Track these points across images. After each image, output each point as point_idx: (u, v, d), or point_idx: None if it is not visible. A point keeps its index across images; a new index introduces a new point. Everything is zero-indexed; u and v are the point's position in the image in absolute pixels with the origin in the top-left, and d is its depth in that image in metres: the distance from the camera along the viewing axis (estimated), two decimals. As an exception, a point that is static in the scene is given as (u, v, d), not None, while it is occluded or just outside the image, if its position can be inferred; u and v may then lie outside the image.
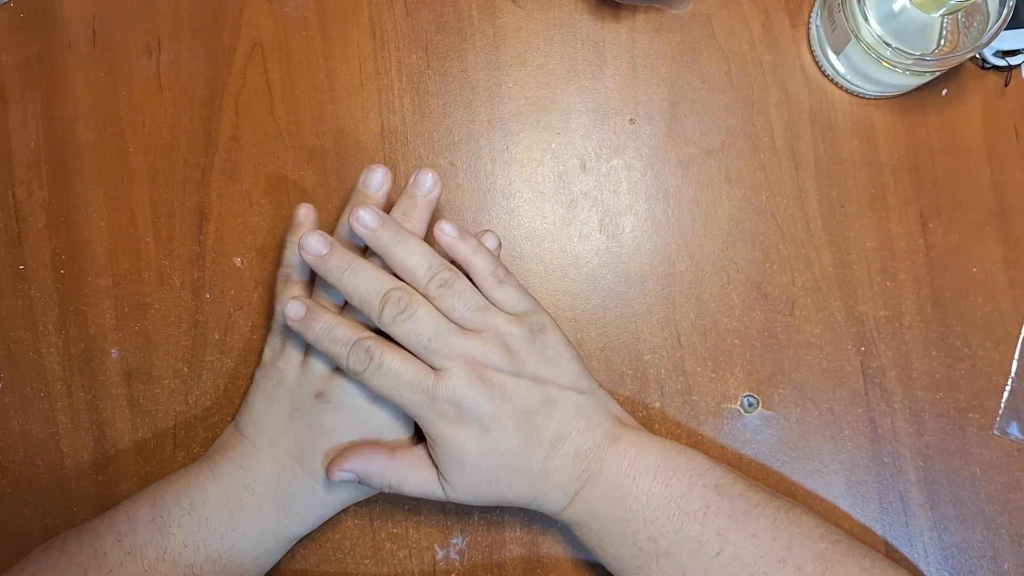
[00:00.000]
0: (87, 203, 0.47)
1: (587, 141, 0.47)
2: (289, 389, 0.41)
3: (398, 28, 0.47)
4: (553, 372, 0.40)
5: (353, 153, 0.47)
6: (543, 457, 0.39)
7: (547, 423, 0.39)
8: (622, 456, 0.39)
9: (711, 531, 0.38)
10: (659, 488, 0.38)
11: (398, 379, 0.38)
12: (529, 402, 0.39)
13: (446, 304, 0.39)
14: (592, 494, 0.39)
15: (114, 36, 0.48)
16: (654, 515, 0.38)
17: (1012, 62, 0.45)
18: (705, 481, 0.39)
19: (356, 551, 0.44)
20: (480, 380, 0.38)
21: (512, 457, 0.39)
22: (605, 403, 0.41)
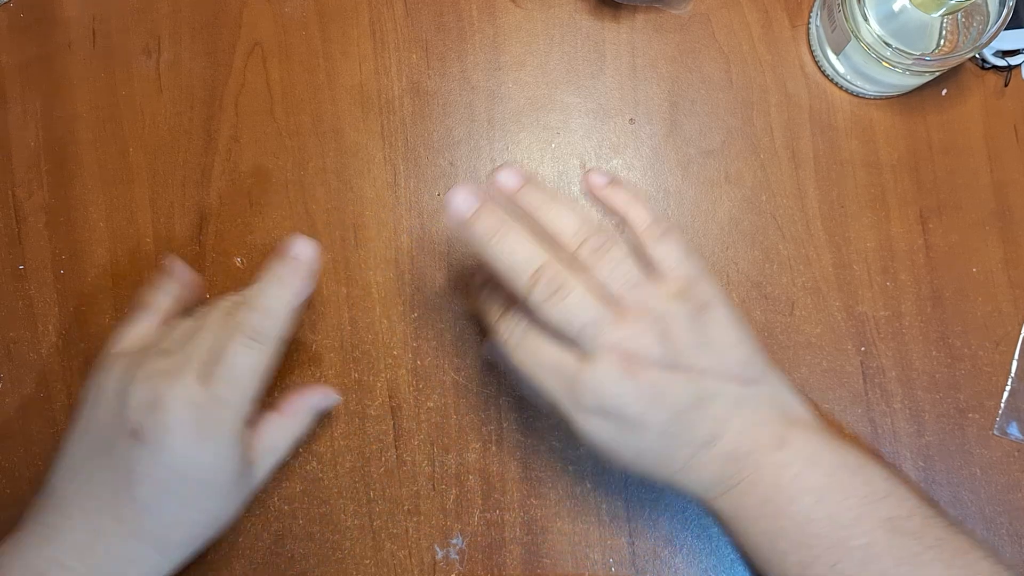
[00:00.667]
0: (87, 203, 0.47)
1: (587, 141, 0.47)
2: (100, 428, 0.36)
3: (398, 28, 0.47)
4: (713, 360, 0.35)
5: (353, 153, 0.47)
6: (688, 456, 0.35)
7: (699, 422, 0.34)
8: (784, 468, 0.34)
9: (872, 572, 0.33)
10: (821, 514, 0.33)
11: (544, 356, 0.35)
12: (681, 400, 0.34)
13: (601, 274, 0.34)
14: (742, 500, 0.35)
15: (114, 36, 0.48)
16: (809, 542, 0.33)
17: (1012, 62, 0.46)
18: (877, 512, 0.33)
19: (356, 551, 0.44)
20: (630, 376, 0.33)
21: (652, 455, 0.35)
22: (776, 394, 0.36)
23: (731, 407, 0.35)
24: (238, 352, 0.36)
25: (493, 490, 0.44)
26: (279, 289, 0.38)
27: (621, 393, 0.33)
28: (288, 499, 0.44)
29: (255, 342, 0.37)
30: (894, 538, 0.33)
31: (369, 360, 0.45)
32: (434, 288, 0.46)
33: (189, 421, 0.35)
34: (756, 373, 0.36)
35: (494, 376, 0.45)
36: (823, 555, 0.33)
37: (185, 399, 0.35)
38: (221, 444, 0.36)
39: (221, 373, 0.36)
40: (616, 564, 0.44)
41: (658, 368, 0.34)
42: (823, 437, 0.35)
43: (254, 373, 0.37)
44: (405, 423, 0.45)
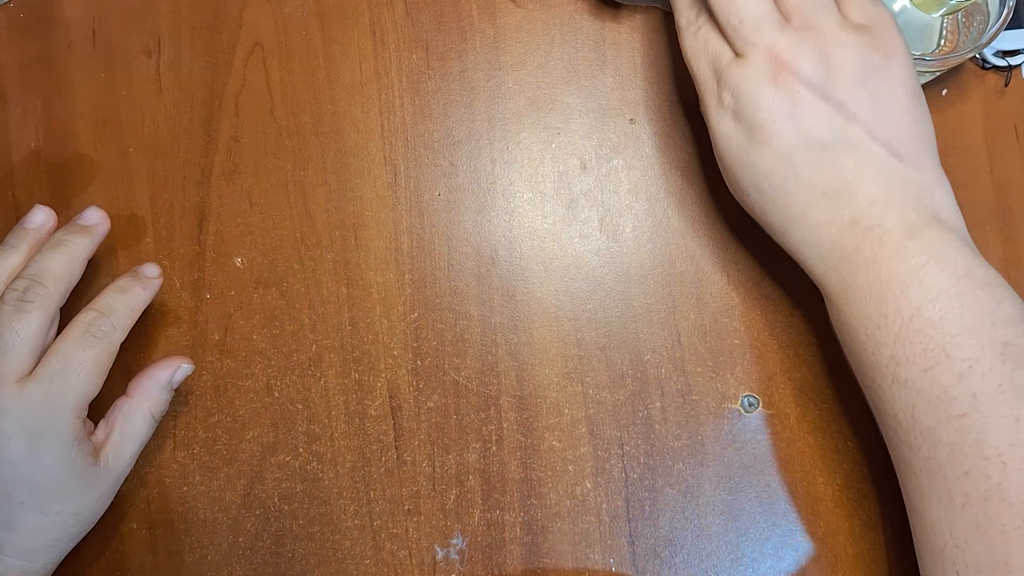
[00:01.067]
0: (87, 203, 0.47)
1: (587, 141, 0.47)
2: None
3: (398, 28, 0.47)
4: (872, 113, 0.32)
5: (353, 153, 0.47)
6: (804, 203, 0.33)
7: (829, 166, 0.32)
8: (909, 256, 0.31)
9: (966, 389, 0.30)
10: (932, 313, 0.30)
11: (705, 44, 0.34)
12: (818, 130, 0.32)
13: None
14: (852, 276, 0.32)
15: (114, 36, 0.48)
16: (909, 337, 0.31)
17: (1012, 62, 0.46)
18: (995, 333, 0.30)
19: (356, 551, 0.44)
20: (773, 81, 0.32)
21: (770, 184, 0.33)
22: (929, 186, 0.33)
23: (875, 171, 0.32)
24: (71, 347, 0.36)
25: (493, 490, 0.44)
26: (119, 294, 0.39)
27: (758, 94, 0.32)
28: (288, 499, 0.44)
29: (94, 338, 0.37)
30: (1004, 364, 0.30)
31: (369, 360, 0.45)
32: (434, 288, 0.46)
33: (18, 431, 0.35)
34: (916, 154, 0.33)
35: (494, 376, 0.45)
36: (919, 356, 0.31)
37: (9, 411, 0.35)
38: (57, 444, 0.36)
39: (49, 370, 0.36)
40: (616, 564, 0.44)
41: (806, 87, 0.32)
42: (962, 244, 0.32)
43: (89, 371, 0.36)
44: (405, 423, 0.45)
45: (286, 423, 0.45)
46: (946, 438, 0.31)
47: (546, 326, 0.45)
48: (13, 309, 0.36)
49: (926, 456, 0.31)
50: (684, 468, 0.44)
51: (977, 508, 0.30)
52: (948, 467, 0.31)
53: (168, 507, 0.44)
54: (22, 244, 0.39)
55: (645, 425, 0.44)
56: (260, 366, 0.45)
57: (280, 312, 0.46)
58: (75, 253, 0.38)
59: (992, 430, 0.30)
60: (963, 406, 0.30)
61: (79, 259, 0.39)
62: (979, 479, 0.30)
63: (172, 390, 0.42)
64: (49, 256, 0.38)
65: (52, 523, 0.37)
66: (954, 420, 0.30)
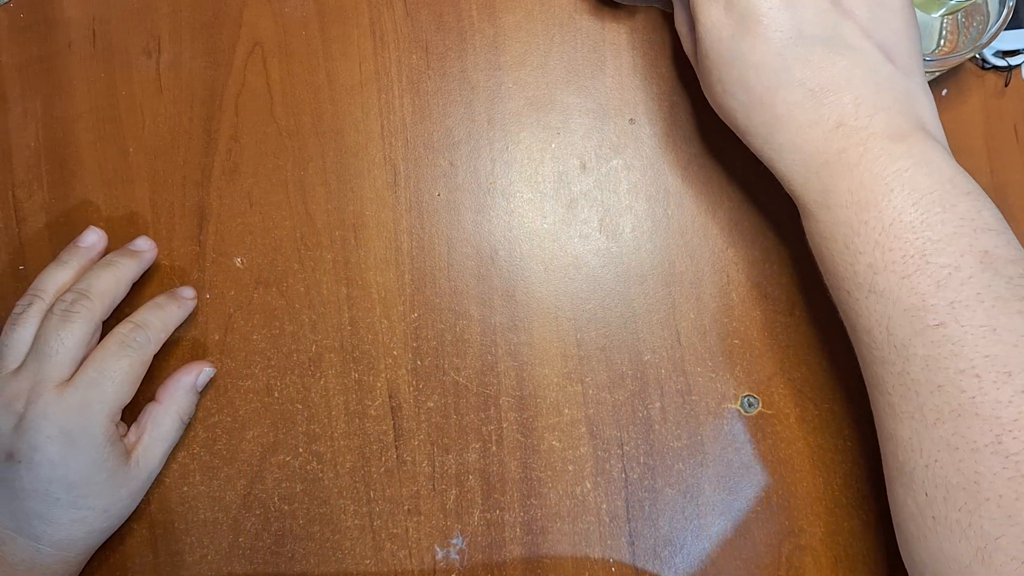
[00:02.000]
0: (87, 203, 0.47)
1: (587, 141, 0.47)
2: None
3: (398, 28, 0.47)
4: (868, 12, 0.31)
5: (353, 153, 0.47)
6: (792, 102, 0.31)
7: (821, 65, 0.31)
8: (894, 159, 0.30)
9: (943, 298, 0.29)
10: (913, 217, 0.30)
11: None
12: (814, 24, 0.31)
13: None
14: (834, 181, 0.31)
15: (114, 37, 0.48)
16: (889, 244, 0.30)
17: (1012, 62, 0.46)
18: (976, 241, 0.29)
19: (356, 551, 0.44)
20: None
21: (758, 80, 0.32)
22: (916, 93, 0.32)
23: (866, 72, 0.31)
24: (107, 356, 0.39)
25: (493, 490, 0.44)
26: (156, 310, 0.42)
27: None
28: (288, 499, 0.44)
29: (128, 348, 0.40)
30: (984, 273, 0.29)
31: (369, 360, 0.45)
32: (434, 288, 0.46)
33: (55, 433, 0.38)
34: (906, 59, 0.32)
35: (494, 376, 0.45)
36: (898, 263, 0.30)
37: (48, 414, 0.38)
38: (91, 445, 0.38)
39: (87, 377, 0.39)
40: (616, 564, 0.44)
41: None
42: (945, 152, 0.31)
43: (123, 378, 0.40)
44: (405, 423, 0.45)
45: (286, 423, 0.45)
46: (921, 351, 0.30)
47: (546, 326, 0.45)
48: (59, 319, 0.39)
49: (899, 371, 0.31)
50: (684, 468, 0.44)
51: (949, 424, 0.29)
52: (921, 382, 0.30)
53: (168, 507, 0.44)
54: (73, 261, 0.42)
55: (645, 425, 0.44)
56: (260, 366, 0.45)
57: (280, 312, 0.46)
58: (122, 273, 0.42)
59: (968, 341, 0.29)
60: (940, 315, 0.29)
61: (125, 279, 0.42)
62: (952, 393, 0.29)
63: (197, 393, 0.44)
64: (98, 274, 0.41)
65: (84, 518, 0.39)
66: (930, 331, 0.29)
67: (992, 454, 0.29)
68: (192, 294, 0.45)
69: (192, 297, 0.44)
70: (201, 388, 0.44)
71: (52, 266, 0.42)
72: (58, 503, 0.38)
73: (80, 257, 0.43)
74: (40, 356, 0.39)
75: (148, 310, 0.42)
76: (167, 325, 0.42)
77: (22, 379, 0.39)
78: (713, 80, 0.34)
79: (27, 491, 0.38)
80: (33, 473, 0.38)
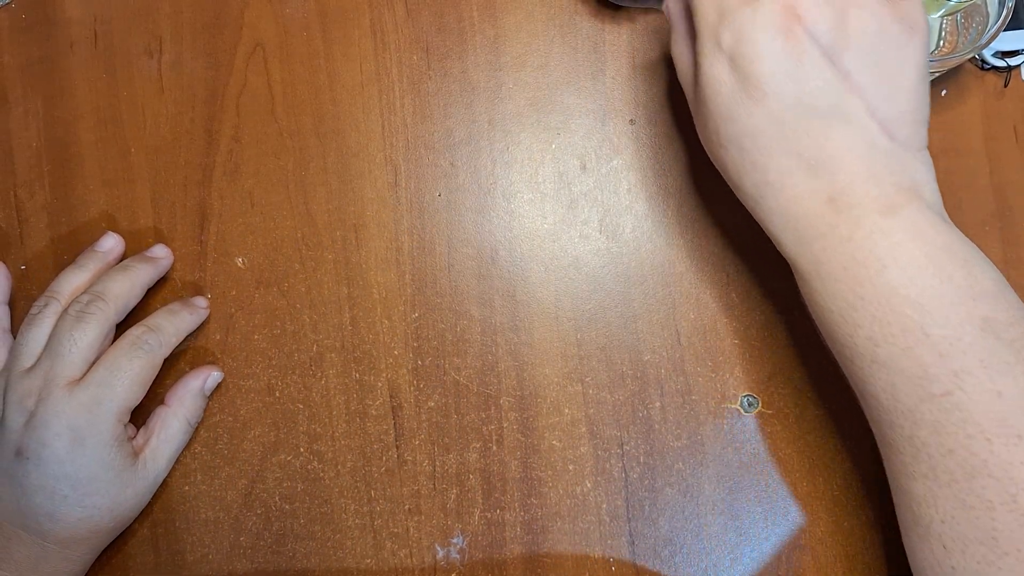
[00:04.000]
0: (89, 204, 0.47)
1: (587, 141, 0.47)
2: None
3: (399, 29, 0.47)
4: (876, 89, 0.31)
5: (354, 154, 0.47)
6: (785, 170, 0.31)
7: (818, 137, 0.31)
8: (887, 235, 0.30)
9: (947, 367, 0.29)
10: (909, 291, 0.29)
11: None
12: (817, 96, 0.30)
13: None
14: (827, 255, 0.31)
15: (115, 37, 0.48)
16: (887, 318, 0.30)
17: (1012, 63, 0.46)
18: (975, 308, 0.29)
19: (357, 550, 0.44)
20: (782, 33, 0.30)
21: (753, 145, 0.31)
22: (915, 167, 0.31)
23: (862, 147, 0.30)
24: (119, 357, 0.40)
25: (494, 490, 0.44)
26: (169, 315, 0.43)
27: (763, 42, 0.30)
28: (289, 498, 0.45)
29: (140, 350, 0.41)
30: (985, 339, 0.29)
31: (370, 360, 0.45)
32: (435, 288, 0.46)
33: (64, 430, 0.38)
34: (909, 134, 0.31)
35: (495, 376, 0.45)
36: (897, 336, 0.30)
37: (58, 411, 0.38)
38: (99, 444, 0.39)
39: (98, 376, 0.39)
40: (616, 564, 0.44)
41: (816, 46, 0.30)
42: (940, 219, 0.31)
43: (134, 379, 0.40)
44: (406, 423, 0.45)
45: (287, 423, 0.45)
46: (929, 417, 0.30)
47: (546, 326, 0.45)
48: (74, 319, 0.40)
49: (909, 435, 0.31)
50: (684, 468, 0.44)
51: (962, 484, 0.30)
52: (932, 445, 0.30)
53: (170, 506, 0.45)
54: (90, 264, 0.43)
55: (645, 425, 0.44)
56: (261, 366, 0.45)
57: (281, 312, 0.46)
58: (137, 278, 0.42)
59: (976, 407, 0.29)
60: (945, 384, 0.29)
61: (140, 283, 0.43)
62: (964, 456, 0.29)
63: (205, 397, 0.45)
64: (113, 277, 0.42)
65: (90, 517, 0.40)
66: (936, 399, 0.29)
67: (1008, 512, 0.29)
68: (205, 303, 0.45)
69: (205, 306, 0.45)
70: (209, 392, 0.45)
71: (69, 269, 0.43)
72: (65, 501, 0.39)
73: (97, 261, 0.43)
74: (53, 355, 0.39)
75: (161, 315, 0.43)
76: (179, 330, 0.43)
77: (35, 377, 0.39)
78: (709, 129, 0.34)
79: (35, 487, 0.38)
80: (41, 469, 0.38)
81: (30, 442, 0.38)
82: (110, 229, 0.46)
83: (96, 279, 0.43)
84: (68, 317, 0.40)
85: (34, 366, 0.40)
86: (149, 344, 0.41)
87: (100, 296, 0.41)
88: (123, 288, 0.42)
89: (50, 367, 0.39)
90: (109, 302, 0.41)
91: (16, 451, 0.39)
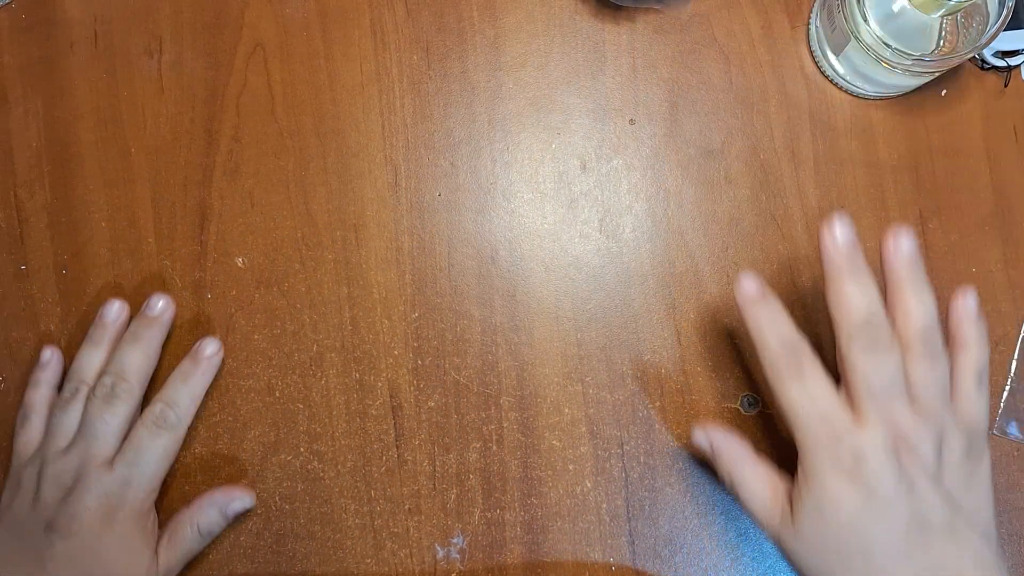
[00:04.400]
0: (89, 203, 0.47)
1: (587, 141, 0.47)
2: (15, 525, 0.40)
3: (399, 29, 0.47)
4: (972, 505, 0.35)
5: (354, 154, 0.47)
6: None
7: (935, 550, 0.33)
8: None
9: None
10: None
11: (816, 400, 0.35)
12: (931, 516, 0.33)
13: (918, 367, 0.35)
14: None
15: (116, 37, 0.48)
16: None
17: (1012, 62, 0.46)
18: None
19: (357, 550, 0.44)
20: (896, 456, 0.33)
21: (876, 553, 0.33)
22: (998, 553, 0.35)
23: (971, 559, 0.34)
24: (144, 437, 0.42)
25: (494, 489, 0.44)
26: (181, 384, 0.44)
27: (884, 463, 0.33)
28: (289, 498, 0.45)
29: (162, 429, 0.42)
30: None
31: (370, 360, 0.45)
32: (435, 288, 0.46)
33: (96, 507, 0.40)
34: (993, 534, 0.36)
35: (495, 376, 0.45)
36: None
37: (92, 488, 0.40)
38: (127, 519, 0.41)
39: (126, 457, 0.41)
40: (616, 563, 0.44)
41: (923, 470, 0.34)
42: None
43: (160, 456, 0.42)
44: (406, 423, 0.45)
45: (287, 422, 0.45)
46: None
47: (546, 326, 0.45)
48: (102, 402, 0.42)
49: None
50: (684, 468, 0.44)
51: None
52: None
53: (170, 506, 0.45)
54: (103, 339, 0.44)
55: (645, 425, 0.44)
56: (261, 366, 0.45)
57: (281, 312, 0.46)
58: (151, 348, 0.44)
59: None
60: None
61: (154, 351, 0.44)
62: None
63: (225, 515, 0.44)
64: (129, 352, 0.43)
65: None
66: None
67: None
68: (215, 348, 0.45)
69: (215, 351, 0.45)
70: (231, 514, 0.44)
71: (85, 347, 0.44)
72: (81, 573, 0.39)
73: (109, 333, 0.44)
74: (88, 437, 0.41)
75: (176, 385, 0.44)
76: (195, 397, 0.44)
77: (72, 457, 0.41)
78: (816, 543, 0.35)
79: (58, 559, 0.39)
80: (67, 542, 0.39)
81: (62, 516, 0.40)
82: (111, 232, 0.46)
83: (111, 350, 0.44)
84: (96, 400, 0.42)
85: (69, 447, 0.41)
86: (169, 422, 0.42)
87: (122, 377, 0.42)
88: (141, 363, 0.43)
89: (85, 448, 0.41)
90: (132, 380, 0.42)
91: (47, 525, 0.40)
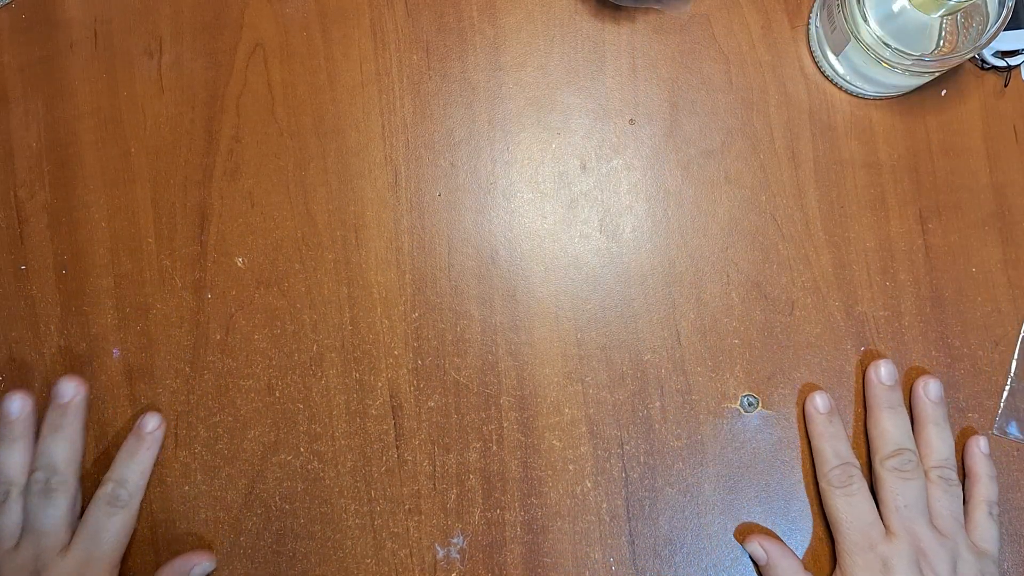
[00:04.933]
0: (89, 204, 0.47)
1: (587, 141, 0.47)
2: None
3: (399, 29, 0.47)
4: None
5: (354, 154, 0.47)
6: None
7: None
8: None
9: None
10: None
11: (858, 513, 0.41)
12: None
13: (936, 494, 0.42)
14: None
15: (116, 37, 0.48)
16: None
17: (1011, 62, 0.46)
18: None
19: (357, 550, 0.44)
20: (917, 567, 0.40)
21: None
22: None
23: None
24: (100, 517, 0.42)
25: (494, 489, 0.44)
26: (129, 461, 0.44)
27: (906, 572, 0.40)
28: (289, 498, 0.45)
29: (115, 507, 0.42)
30: None
31: (370, 360, 0.45)
32: (435, 288, 0.46)
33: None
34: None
35: (495, 376, 0.45)
36: None
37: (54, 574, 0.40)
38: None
39: (83, 538, 0.42)
40: (616, 563, 0.44)
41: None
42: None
43: (117, 533, 0.42)
44: (406, 423, 0.45)
45: (287, 422, 0.45)
46: None
47: (546, 326, 0.45)
48: (41, 498, 0.42)
49: None
50: (684, 468, 0.44)
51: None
52: None
53: (170, 506, 0.45)
54: (16, 437, 0.43)
55: (645, 425, 0.44)
56: (261, 366, 0.45)
57: (281, 312, 0.46)
58: (74, 434, 0.44)
59: None
60: None
61: (79, 436, 0.44)
62: None
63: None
64: (53, 445, 0.43)
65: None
66: None
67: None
68: (156, 423, 0.45)
69: (157, 426, 0.45)
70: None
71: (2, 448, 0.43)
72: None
73: (19, 428, 0.43)
74: (36, 532, 0.41)
75: (123, 464, 0.44)
76: (144, 472, 0.44)
77: (24, 551, 0.41)
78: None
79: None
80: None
81: (43, 570, 0.40)
82: (111, 232, 0.46)
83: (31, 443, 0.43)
84: (34, 497, 0.42)
85: (19, 544, 0.41)
86: (121, 500, 0.43)
87: (54, 470, 0.42)
88: (67, 452, 0.43)
89: (36, 541, 0.41)
90: (63, 471, 0.42)
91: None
